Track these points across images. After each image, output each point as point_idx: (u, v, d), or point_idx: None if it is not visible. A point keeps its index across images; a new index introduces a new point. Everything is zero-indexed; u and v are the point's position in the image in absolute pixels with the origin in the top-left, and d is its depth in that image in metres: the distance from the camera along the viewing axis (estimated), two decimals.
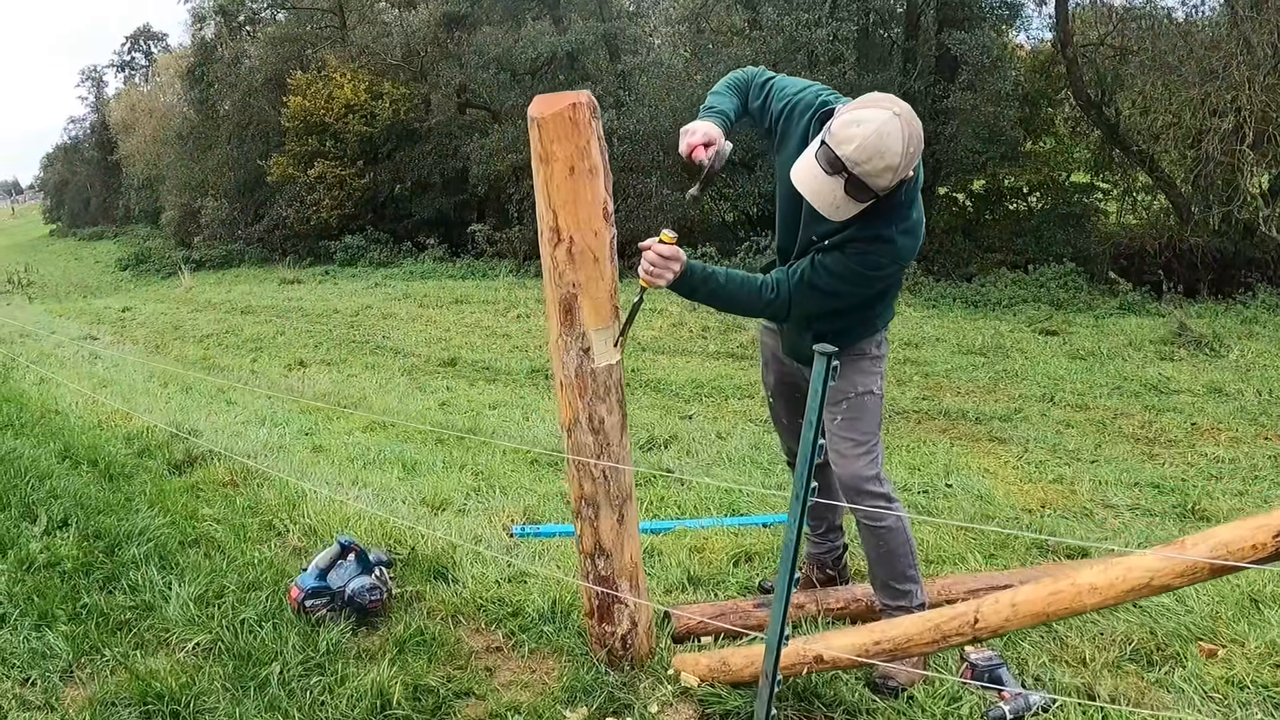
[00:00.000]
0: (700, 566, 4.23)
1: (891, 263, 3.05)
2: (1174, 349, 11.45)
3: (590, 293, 2.62)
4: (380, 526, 4.23)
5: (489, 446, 6.49)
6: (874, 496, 3.33)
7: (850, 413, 3.35)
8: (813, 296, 3.06)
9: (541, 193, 2.56)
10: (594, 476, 2.78)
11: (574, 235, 2.54)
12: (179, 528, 4.37)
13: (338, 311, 16.37)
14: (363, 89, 27.78)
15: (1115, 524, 5.40)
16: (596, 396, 2.71)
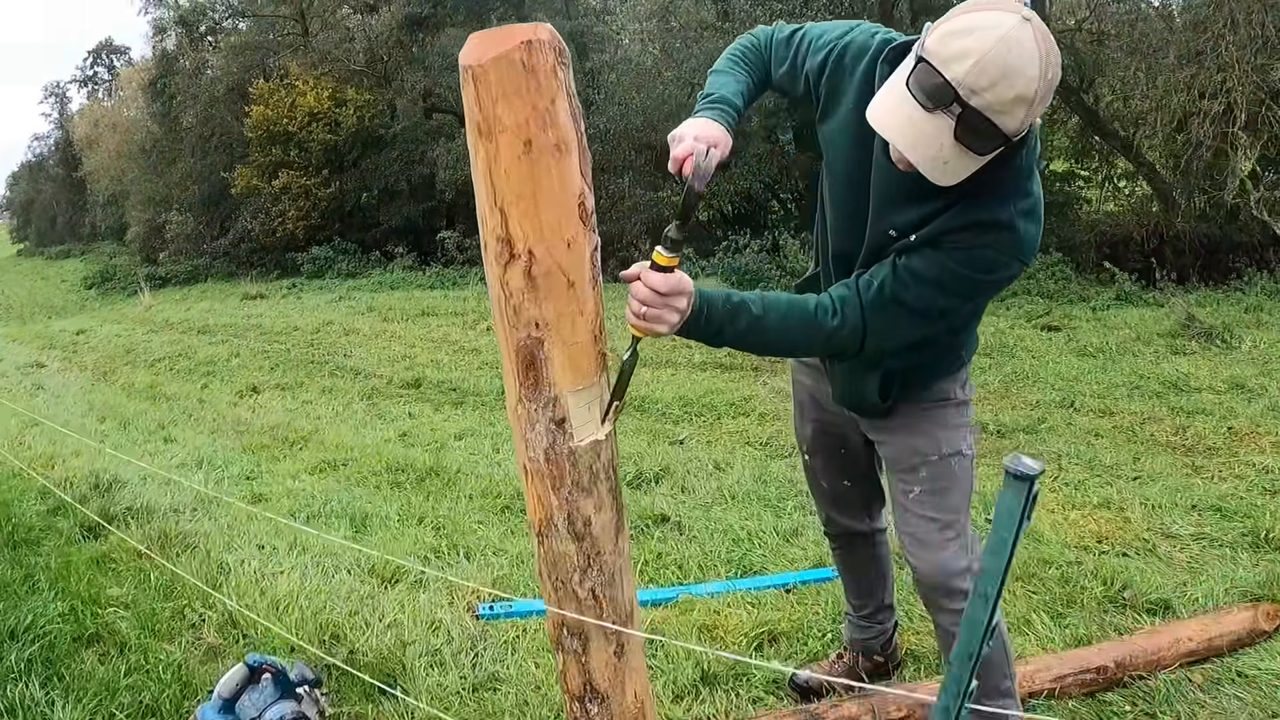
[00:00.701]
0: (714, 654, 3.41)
1: (1013, 259, 2.12)
2: (1185, 342, 10.84)
3: (562, 335, 1.74)
4: (314, 618, 3.40)
5: (453, 489, 5.65)
6: (965, 596, 2.53)
7: (932, 482, 2.53)
8: (899, 318, 2.17)
9: (483, 184, 1.68)
10: (578, 598, 1.93)
11: (534, 249, 1.67)
12: (77, 618, 3.63)
13: (297, 329, 15.50)
14: (326, 96, 27.27)
15: (1183, 559, 4.66)
16: (579, 488, 1.84)
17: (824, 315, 2.13)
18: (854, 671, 3.30)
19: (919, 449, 2.53)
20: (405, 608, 3.63)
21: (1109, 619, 3.85)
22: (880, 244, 2.25)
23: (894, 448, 2.59)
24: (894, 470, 2.61)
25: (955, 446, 2.53)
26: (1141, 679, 3.29)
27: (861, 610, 3.27)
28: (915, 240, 2.15)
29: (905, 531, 2.58)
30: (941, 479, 2.53)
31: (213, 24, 34.68)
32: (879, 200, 2.25)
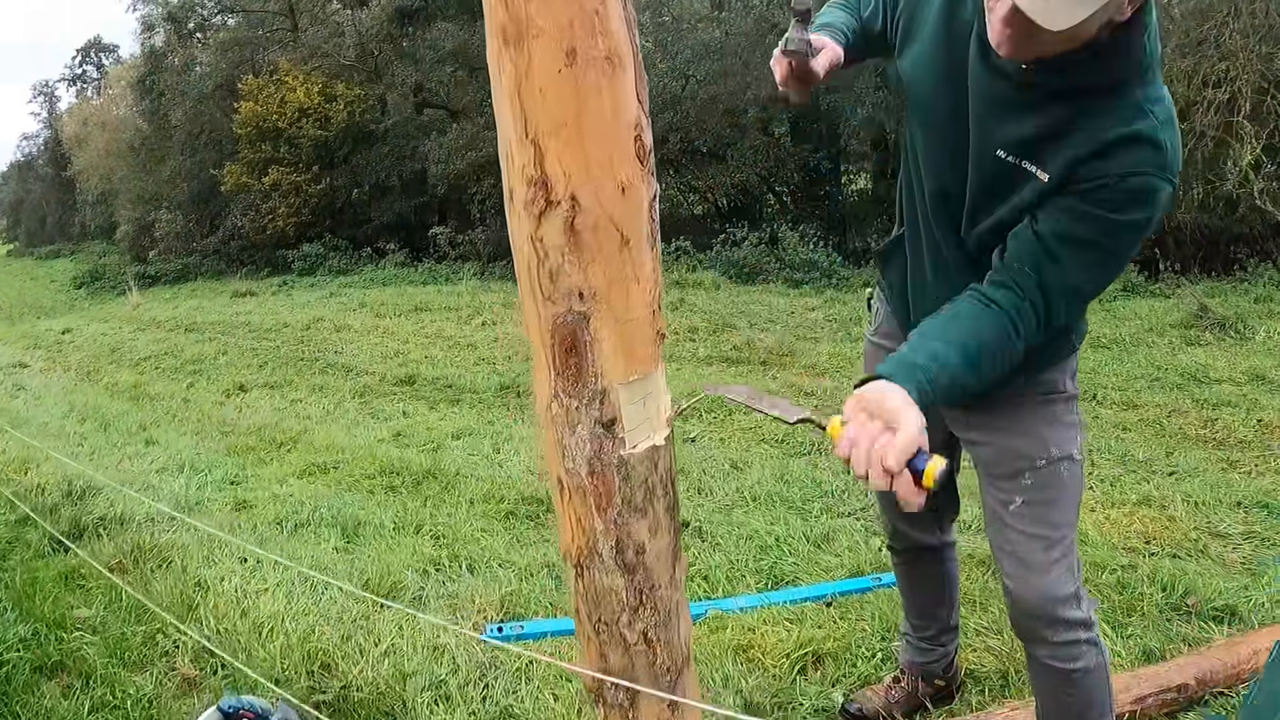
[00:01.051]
0: (753, 678, 3.05)
1: (1164, 181, 1.74)
2: (1199, 333, 10.65)
3: (614, 309, 1.36)
4: (301, 644, 3.01)
5: (452, 493, 5.27)
6: (1070, 626, 2.17)
7: (1038, 492, 2.15)
8: (1068, 293, 1.81)
9: (508, 110, 1.29)
10: (626, 643, 1.55)
11: (578, 193, 1.28)
12: (40, 644, 3.24)
13: (287, 326, 15.07)
14: (316, 92, 26.86)
15: (1236, 559, 4.34)
16: (630, 508, 1.45)
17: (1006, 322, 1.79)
18: (915, 698, 2.94)
19: (1023, 452, 2.15)
20: (404, 630, 3.25)
21: (1174, 628, 3.56)
22: (990, 171, 1.91)
23: (992, 450, 2.20)
24: (991, 477, 2.22)
25: (1066, 449, 2.15)
26: (1223, 694, 3.02)
27: (923, 632, 2.90)
28: (1047, 192, 1.79)
29: (1004, 550, 2.21)
30: (1049, 488, 2.15)
31: (201, 20, 34.35)
32: (979, 119, 1.91)
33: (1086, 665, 2.23)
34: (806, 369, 9.53)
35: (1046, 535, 2.14)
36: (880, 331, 2.50)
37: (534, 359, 1.43)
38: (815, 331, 11.41)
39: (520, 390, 9.33)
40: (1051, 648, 2.21)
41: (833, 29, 2.19)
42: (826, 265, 15.44)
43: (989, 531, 2.27)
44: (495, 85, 1.28)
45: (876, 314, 2.53)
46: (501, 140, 1.31)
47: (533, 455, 6.53)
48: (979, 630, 3.48)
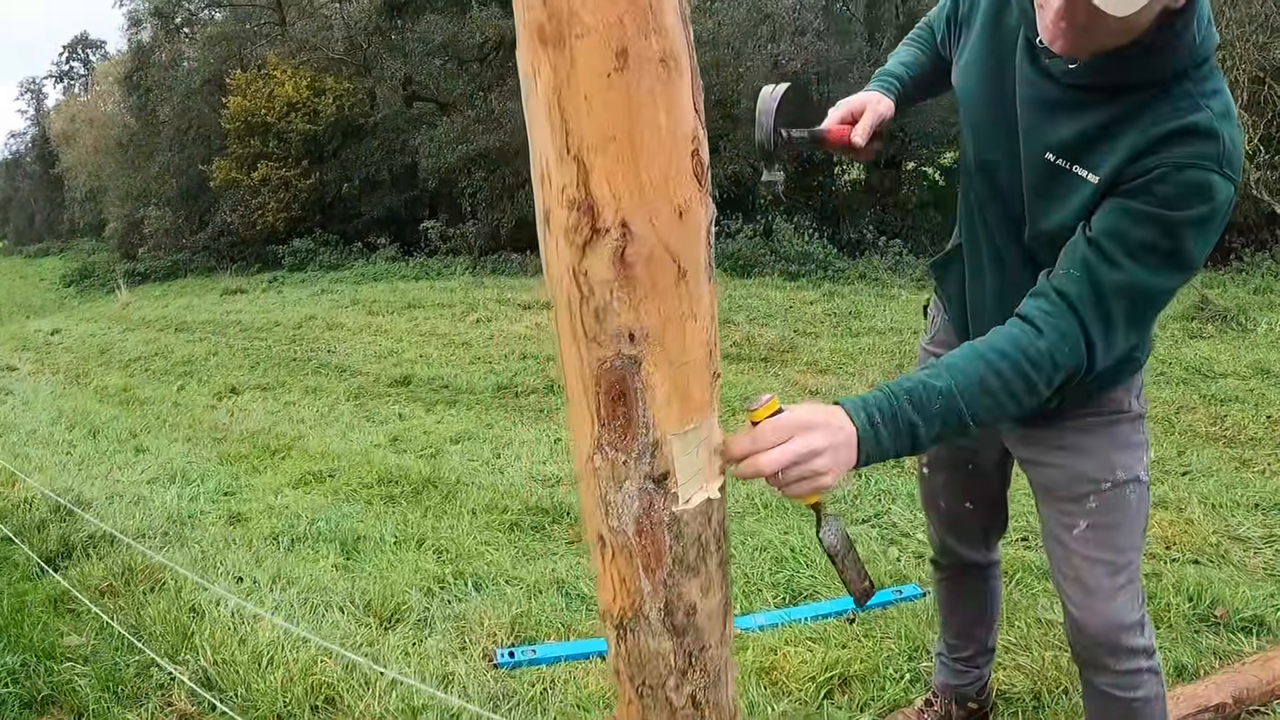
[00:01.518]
0: (780, 705, 2.92)
1: (1224, 178, 1.61)
2: (1201, 325, 10.63)
3: (669, 352, 1.19)
4: (304, 676, 2.86)
5: (453, 503, 5.12)
6: (1133, 654, 2.07)
7: (1104, 515, 2.03)
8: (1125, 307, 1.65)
9: (544, 121, 1.12)
10: (673, 707, 1.41)
11: (630, 220, 1.11)
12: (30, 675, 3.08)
13: (279, 324, 14.90)
14: (304, 86, 26.74)
15: (1258, 565, 4.24)
16: (682, 568, 1.29)
17: (1028, 344, 1.60)
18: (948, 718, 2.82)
19: (1088, 474, 2.02)
20: (410, 657, 3.10)
21: (1204, 641, 3.44)
22: (1040, 175, 1.80)
23: (1055, 471, 2.06)
24: (1053, 500, 2.10)
25: (1132, 471, 2.02)
26: (1258, 712, 2.92)
27: (959, 652, 2.77)
28: (1098, 185, 1.68)
29: (1066, 575, 2.09)
30: (1115, 511, 2.03)
31: (188, 15, 34.41)
32: (1028, 123, 1.82)
33: (1147, 695, 2.13)
34: (809, 365, 9.42)
35: (1112, 560, 2.03)
36: (936, 340, 2.38)
37: (571, 404, 1.27)
38: (815, 326, 11.30)
39: (518, 391, 9.20)
40: (1113, 676, 2.11)
41: (887, 77, 2.21)
42: (822, 257, 15.36)
43: (1050, 555, 2.15)
44: (529, 92, 1.12)
45: (933, 322, 2.41)
46: (535, 156, 1.15)
47: (534, 461, 6.39)
48: (1007, 647, 3.36)
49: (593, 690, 3.02)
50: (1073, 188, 1.73)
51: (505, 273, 19.59)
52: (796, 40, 17.38)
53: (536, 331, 12.26)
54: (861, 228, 17.56)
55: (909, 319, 11.37)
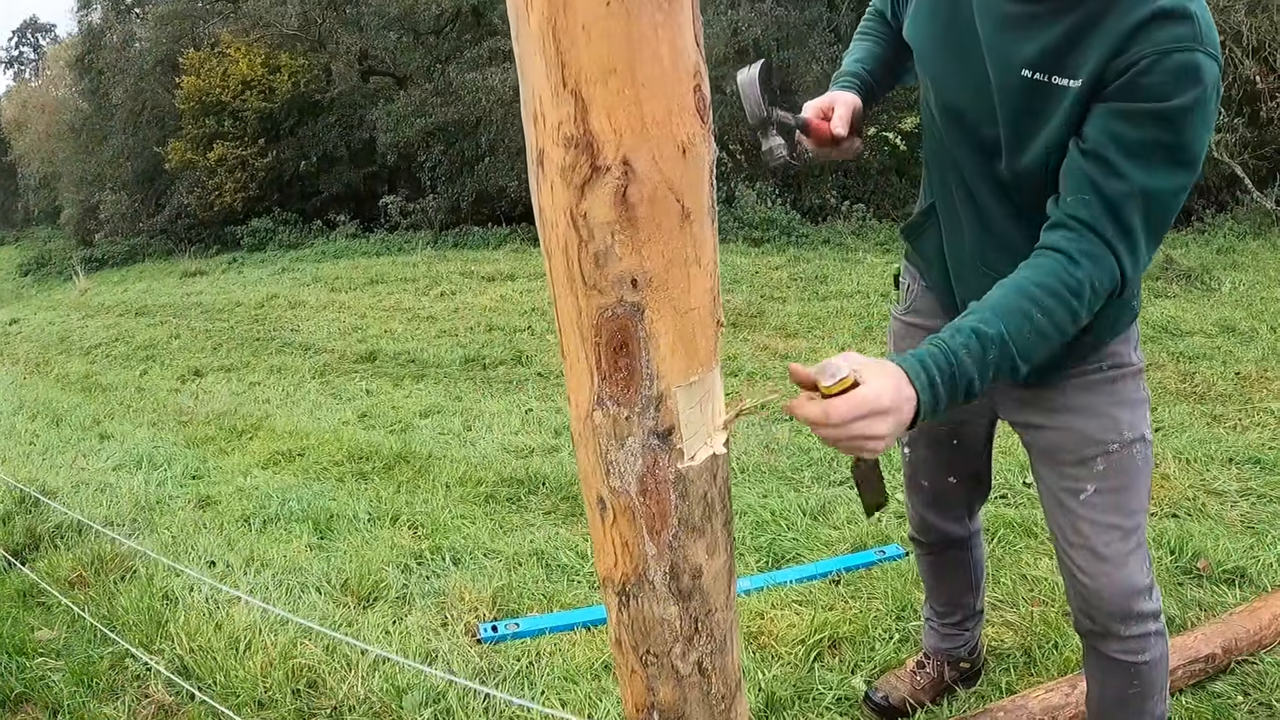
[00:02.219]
0: (771, 670, 2.88)
1: (1206, 55, 1.54)
2: (1165, 285, 10.70)
3: (673, 298, 1.13)
4: (284, 659, 2.78)
5: (426, 477, 5.04)
6: (1142, 619, 2.01)
7: (1113, 478, 1.94)
8: (1142, 214, 1.57)
9: (539, 54, 1.04)
10: (679, 674, 1.35)
11: (632, 157, 1.05)
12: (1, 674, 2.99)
13: (240, 305, 14.68)
14: (259, 63, 26.25)
15: (1236, 518, 4.24)
16: (687, 528, 1.23)
17: (1067, 275, 1.55)
18: (941, 682, 2.79)
19: (1094, 436, 1.94)
20: (391, 635, 3.03)
21: (1188, 593, 3.46)
22: (1018, 93, 1.71)
23: (1059, 435, 1.98)
24: (1057, 465, 2.01)
25: (1138, 430, 1.95)
26: (1247, 662, 2.93)
27: (947, 618, 2.74)
28: (1080, 90, 1.61)
29: (1073, 543, 2.00)
30: (1123, 473, 1.94)
31: None
32: (995, 46, 1.74)
33: (1152, 657, 2.07)
34: (777, 330, 9.39)
35: (1121, 524, 1.95)
36: (912, 310, 2.29)
37: (568, 358, 1.20)
38: (782, 291, 11.27)
39: (486, 363, 9.11)
40: (1122, 642, 2.04)
41: (845, 78, 2.15)
42: (785, 223, 15.32)
43: (1053, 523, 2.06)
44: (519, 28, 1.04)
45: (907, 291, 2.32)
46: (528, 95, 1.07)
47: (506, 432, 6.32)
48: (994, 604, 3.34)
49: (580, 661, 2.97)
50: (1054, 99, 1.66)
51: (467, 246, 19.42)
52: (756, 6, 17.22)
53: (502, 303, 12.16)
54: (824, 193, 17.47)
55: (875, 282, 11.35)
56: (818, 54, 15.46)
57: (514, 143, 19.03)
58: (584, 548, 3.97)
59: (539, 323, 10.65)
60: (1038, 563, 3.66)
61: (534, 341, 9.88)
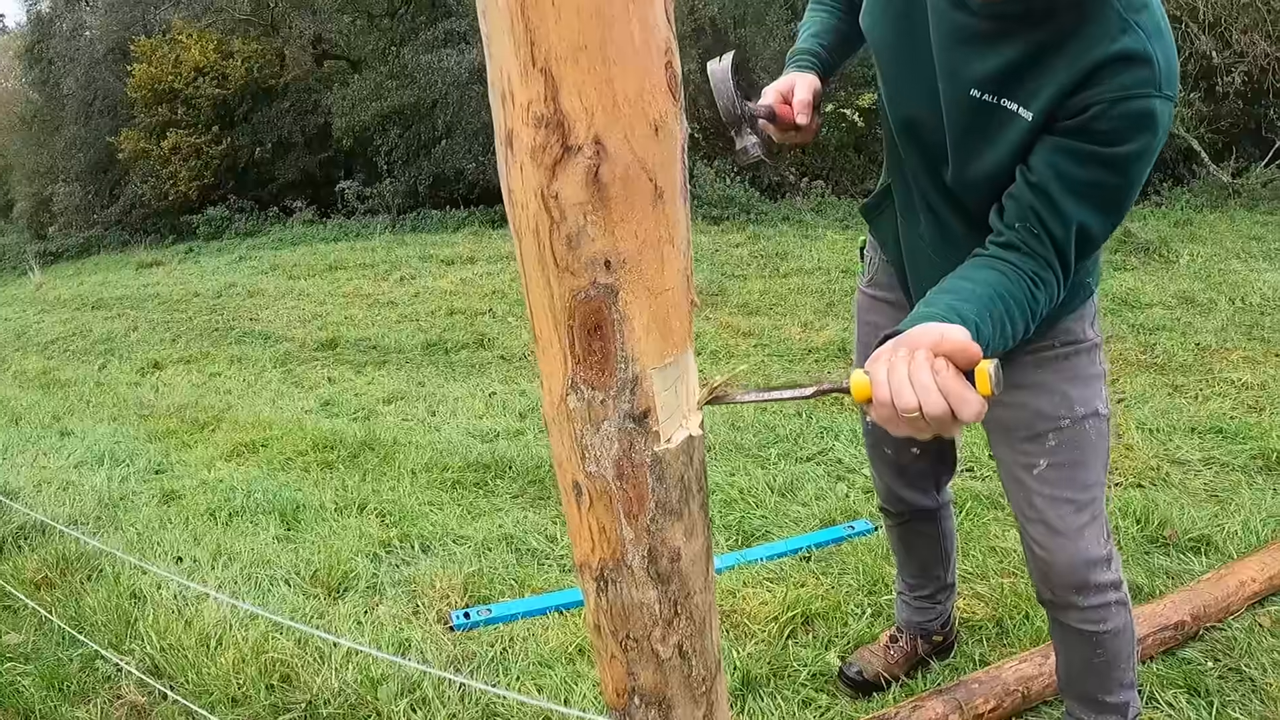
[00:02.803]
0: (745, 648, 2.88)
1: (1163, 99, 1.53)
2: (1124, 257, 10.83)
3: (646, 280, 1.12)
4: (255, 655, 2.75)
5: (392, 464, 5.00)
6: (1101, 589, 2.05)
7: (1066, 453, 1.98)
8: (1080, 243, 1.60)
9: (508, 32, 1.01)
10: (659, 658, 1.35)
11: (604, 136, 1.03)
12: None
13: (198, 295, 14.51)
14: (211, 49, 25.79)
15: (1199, 486, 4.30)
16: (665, 511, 1.21)
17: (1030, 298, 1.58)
18: (914, 655, 2.81)
19: (1046, 411, 1.97)
20: (363, 626, 3.01)
21: (1155, 561, 3.51)
22: (967, 112, 1.69)
23: (1011, 411, 2.00)
24: (1011, 441, 2.04)
25: (1091, 405, 1.97)
26: (1215, 629, 2.98)
27: (919, 591, 2.76)
28: (1032, 123, 1.59)
29: (1029, 517, 2.04)
30: (1076, 448, 1.98)
31: None
32: (946, 58, 1.71)
33: (1115, 627, 2.11)
34: (739, 307, 9.40)
35: (1075, 498, 1.99)
36: (874, 282, 2.31)
37: (540, 343, 1.18)
38: (743, 269, 11.29)
39: (448, 347, 9.08)
40: (1082, 612, 2.08)
41: (802, 56, 2.10)
42: (745, 200, 15.32)
43: (1011, 497, 2.10)
44: (488, 6, 1.01)
45: (870, 264, 2.33)
46: (495, 75, 1.05)
47: (471, 417, 6.30)
48: (965, 577, 3.37)
49: (554, 645, 2.96)
50: (1004, 124, 1.64)
51: (426, 230, 19.31)
52: None
53: (462, 287, 12.10)
54: (783, 170, 17.49)
55: (835, 258, 11.39)
56: (775, 31, 15.45)
57: (471, 125, 18.92)
58: (553, 531, 3.96)
59: (500, 305, 10.60)
60: (1006, 535, 3.69)
61: (496, 325, 9.83)
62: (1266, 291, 8.34)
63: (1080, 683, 2.23)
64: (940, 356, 1.21)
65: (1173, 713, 2.62)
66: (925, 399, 1.18)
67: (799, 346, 7.63)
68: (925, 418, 1.19)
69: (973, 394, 1.18)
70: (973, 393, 1.18)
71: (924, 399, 1.18)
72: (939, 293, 1.54)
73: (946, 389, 1.18)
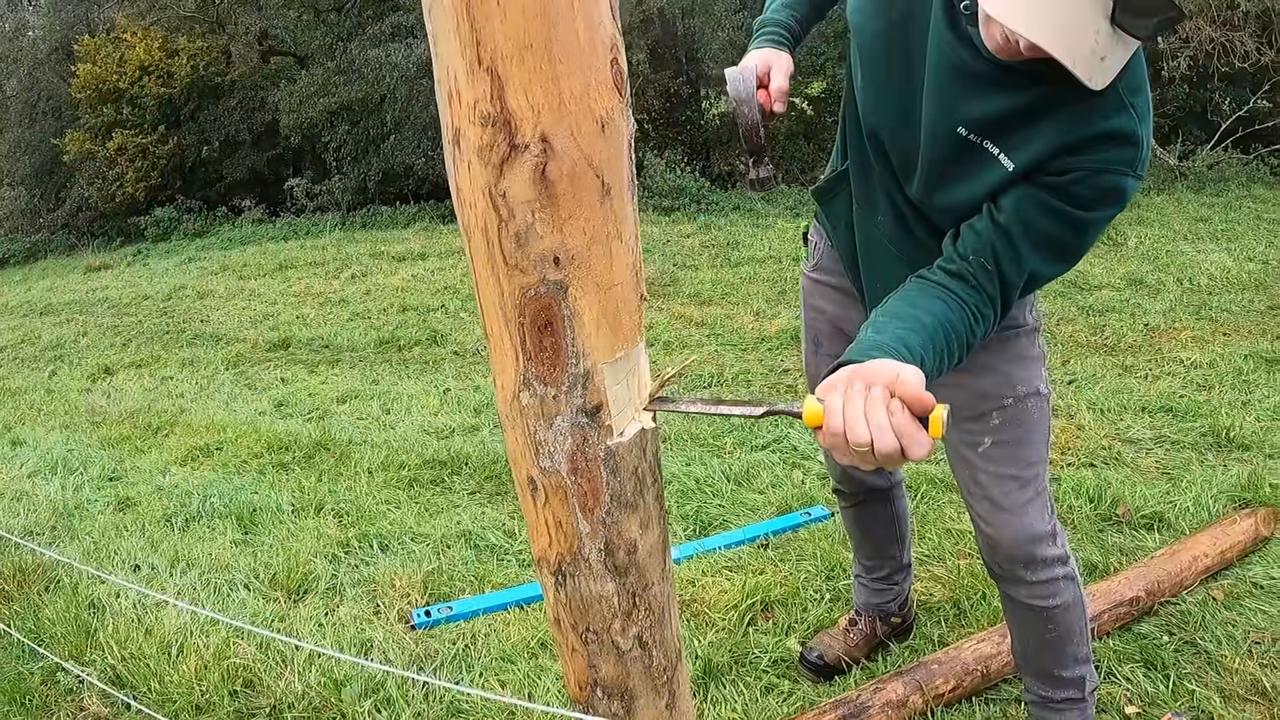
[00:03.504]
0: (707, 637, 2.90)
1: (1136, 180, 1.62)
2: None
3: (595, 275, 1.13)
4: (217, 661, 2.73)
5: (348, 464, 4.97)
6: (1047, 564, 2.10)
7: (1008, 431, 2.04)
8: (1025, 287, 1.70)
9: (454, 32, 1.02)
10: (620, 650, 1.36)
11: (551, 134, 1.04)
12: None
13: (148, 298, 14.30)
14: (156, 47, 25.41)
15: (1151, 464, 4.37)
16: (620, 504, 1.25)
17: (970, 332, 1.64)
18: (874, 638, 2.86)
19: (989, 391, 2.02)
20: (325, 628, 3.00)
21: (1109, 539, 3.57)
22: (948, 146, 1.73)
23: (956, 392, 2.03)
24: (956, 420, 2.09)
25: (1031, 385, 2.04)
26: (1169, 603, 3.04)
27: (876, 572, 2.80)
28: (1013, 178, 1.65)
29: (974, 494, 2.10)
30: (1018, 426, 2.04)
31: None
32: (939, 88, 1.72)
33: (1065, 601, 2.17)
34: (691, 297, 9.40)
35: (1018, 474, 2.05)
36: (819, 267, 2.33)
37: (491, 340, 1.19)
38: (695, 259, 11.29)
39: (401, 344, 9.01)
40: (1030, 587, 2.14)
41: (775, 30, 2.09)
42: (695, 190, 15.32)
43: (957, 475, 2.16)
44: (434, 6, 1.01)
45: (815, 249, 2.34)
46: (442, 74, 1.05)
47: (425, 414, 6.26)
48: (921, 560, 3.42)
49: (516, 641, 2.97)
50: (984, 165, 1.68)
51: (376, 226, 19.16)
52: None
53: (414, 283, 12.02)
54: (732, 159, 17.53)
55: (786, 246, 11.42)
56: (723, 21, 15.44)
57: (419, 120, 18.80)
58: (511, 526, 3.96)
59: (452, 301, 10.53)
60: (961, 517, 3.73)
61: (448, 320, 9.77)
62: (1214, 272, 8.45)
63: (1036, 659, 2.28)
64: (896, 398, 1.24)
65: (1130, 686, 2.68)
66: (879, 437, 1.21)
67: (752, 335, 7.65)
68: (875, 453, 1.22)
69: (924, 435, 1.22)
70: (924, 434, 1.22)
71: (877, 437, 1.21)
72: (887, 318, 1.57)
73: (900, 430, 1.21)
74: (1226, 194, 12.21)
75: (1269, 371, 5.63)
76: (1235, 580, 3.21)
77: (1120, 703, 2.62)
